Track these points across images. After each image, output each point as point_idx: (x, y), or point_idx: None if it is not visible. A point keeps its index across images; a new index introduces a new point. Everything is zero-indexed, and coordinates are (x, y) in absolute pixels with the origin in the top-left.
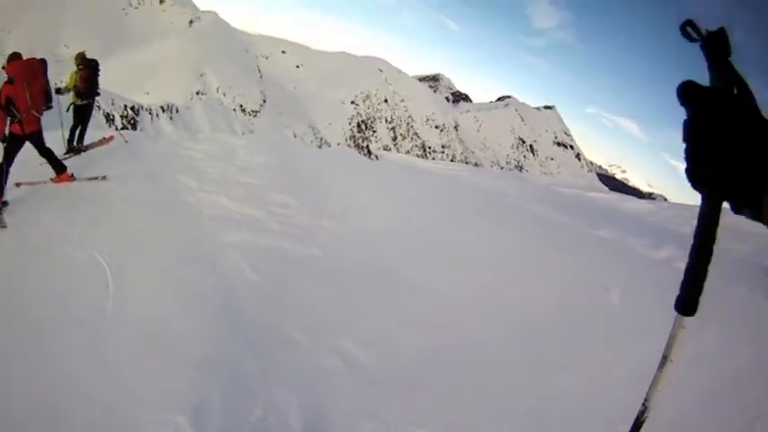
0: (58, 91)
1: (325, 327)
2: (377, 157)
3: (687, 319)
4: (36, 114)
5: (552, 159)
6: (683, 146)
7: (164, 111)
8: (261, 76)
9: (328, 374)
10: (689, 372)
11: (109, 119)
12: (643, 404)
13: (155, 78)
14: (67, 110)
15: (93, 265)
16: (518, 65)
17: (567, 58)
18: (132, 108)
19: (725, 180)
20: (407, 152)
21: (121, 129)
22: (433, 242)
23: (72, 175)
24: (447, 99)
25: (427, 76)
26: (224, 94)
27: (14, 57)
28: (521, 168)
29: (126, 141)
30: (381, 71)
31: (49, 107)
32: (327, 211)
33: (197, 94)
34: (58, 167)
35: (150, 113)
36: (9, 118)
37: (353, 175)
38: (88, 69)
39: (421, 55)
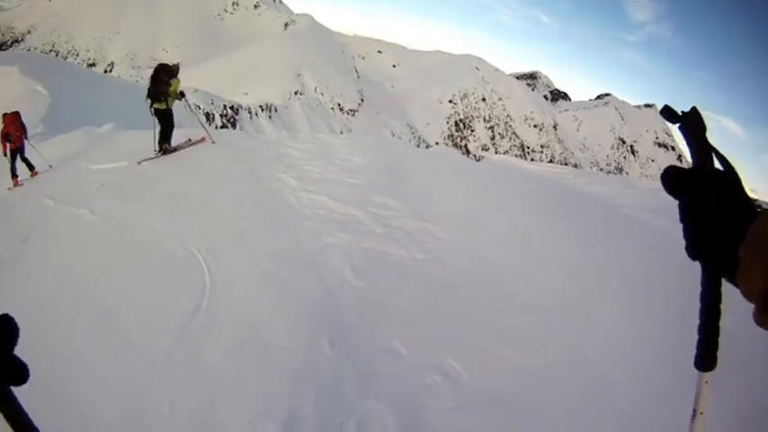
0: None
1: (428, 339)
2: (478, 157)
3: (709, 373)
4: (20, 138)
5: (653, 161)
6: None
7: (263, 110)
8: (358, 76)
9: (428, 392)
10: None
11: (209, 118)
12: None
13: (253, 79)
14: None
15: (191, 262)
16: (616, 61)
17: (666, 54)
18: (232, 107)
19: (710, 258)
20: (506, 152)
21: (221, 127)
22: (547, 257)
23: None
24: (545, 97)
25: (524, 74)
26: (322, 94)
27: (5, 115)
28: (620, 170)
29: (213, 143)
30: (478, 69)
31: (26, 137)
32: (432, 215)
33: (295, 93)
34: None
35: (249, 112)
36: (7, 143)
37: (457, 177)
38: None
39: (517, 53)
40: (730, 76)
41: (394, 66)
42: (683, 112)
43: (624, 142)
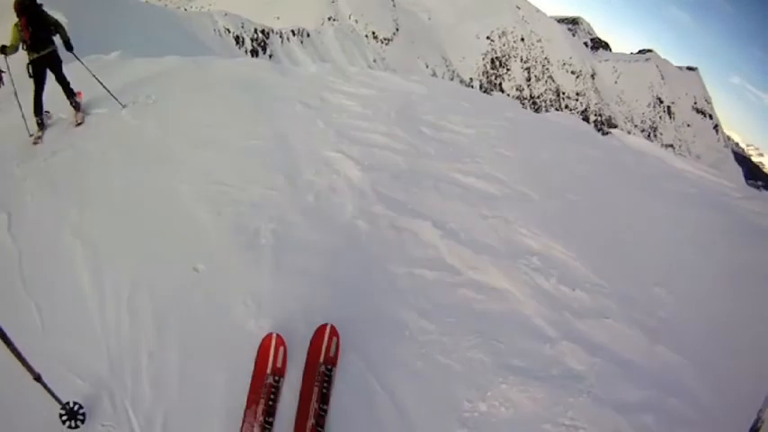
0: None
1: None
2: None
3: None
4: None
5: (689, 126)
6: None
7: (294, 35)
8: (394, 5)
9: None
10: None
11: (239, 41)
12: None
13: (285, 4)
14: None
15: None
16: (662, 17)
17: (715, 18)
18: (263, 31)
19: None
20: (540, 96)
21: (251, 51)
22: None
23: None
24: (585, 45)
25: (566, 19)
26: (356, 21)
27: None
28: (655, 130)
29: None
30: (519, 8)
31: None
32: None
33: (328, 19)
34: None
35: (281, 36)
36: None
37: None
38: (26, 13)
39: None
40: None
41: None
42: None
43: (662, 102)
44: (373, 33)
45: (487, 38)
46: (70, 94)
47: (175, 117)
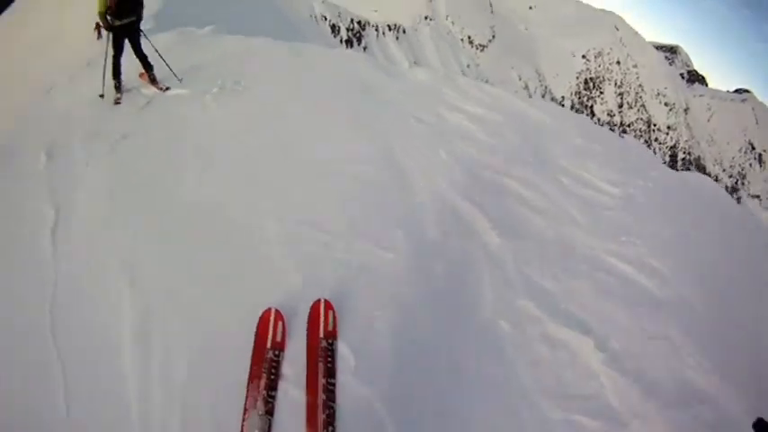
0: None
1: None
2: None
3: None
4: None
5: None
6: None
7: (390, 30)
8: (492, 11)
9: None
10: None
11: (334, 30)
12: None
13: None
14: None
15: None
16: (764, 57)
17: None
18: (359, 22)
19: None
20: (630, 124)
21: (345, 41)
22: None
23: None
24: (681, 76)
25: (664, 46)
26: (453, 23)
27: None
28: (743, 177)
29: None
30: (617, 29)
31: None
32: None
33: (425, 18)
34: None
35: (377, 30)
36: None
37: None
38: None
39: (659, 21)
40: None
41: (530, 8)
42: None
43: (754, 148)
44: (469, 38)
45: (583, 56)
46: (148, 66)
47: (265, 116)
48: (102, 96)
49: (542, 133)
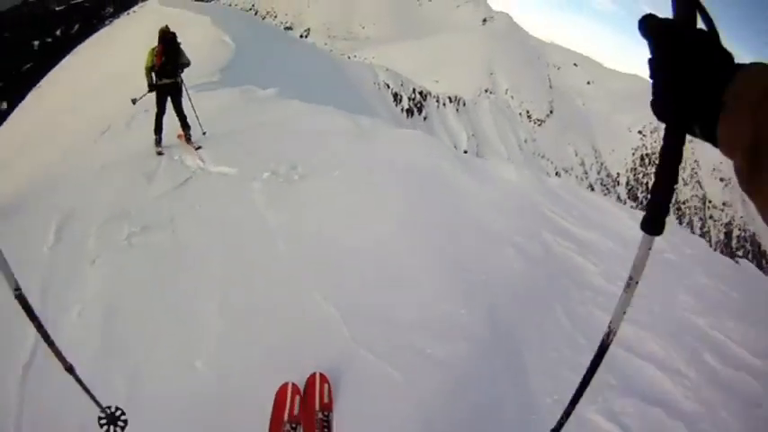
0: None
1: None
2: None
3: (653, 237)
4: None
5: None
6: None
7: (451, 101)
8: (550, 86)
9: None
10: None
11: (396, 98)
12: (608, 327)
13: (445, 69)
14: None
15: None
16: None
17: None
18: (420, 93)
19: (682, 113)
20: (685, 201)
21: (406, 110)
22: None
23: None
24: None
25: None
26: (512, 97)
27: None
28: None
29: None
30: None
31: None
32: None
33: (485, 91)
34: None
35: (437, 101)
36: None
37: None
38: (164, 43)
39: None
40: None
41: (588, 83)
42: None
43: None
44: (527, 112)
45: (639, 132)
46: (186, 126)
47: (323, 225)
48: (134, 102)
49: (658, 265)
